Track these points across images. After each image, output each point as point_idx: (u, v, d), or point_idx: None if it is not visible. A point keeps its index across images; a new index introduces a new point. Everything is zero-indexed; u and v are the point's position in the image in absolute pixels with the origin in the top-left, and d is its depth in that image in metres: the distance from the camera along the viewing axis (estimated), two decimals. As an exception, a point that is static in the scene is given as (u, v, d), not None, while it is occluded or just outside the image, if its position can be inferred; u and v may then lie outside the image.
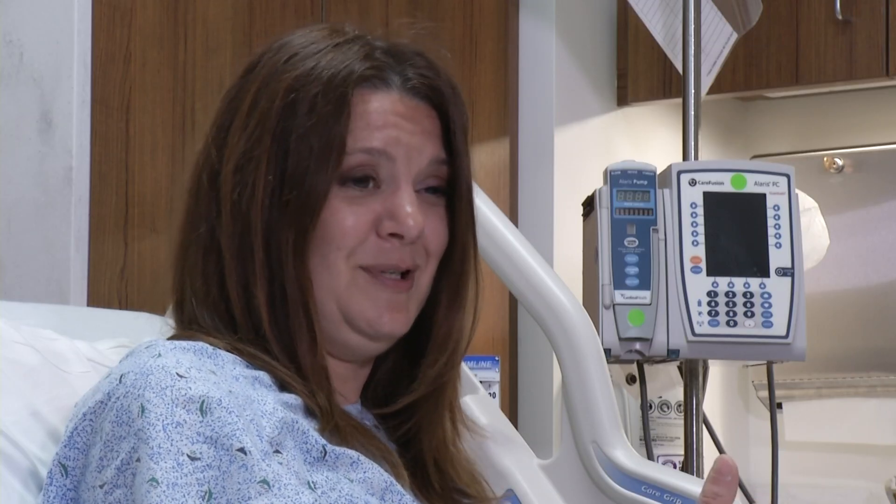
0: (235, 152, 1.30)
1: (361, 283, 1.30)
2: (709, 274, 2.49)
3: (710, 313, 2.47)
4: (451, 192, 1.35)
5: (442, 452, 1.37)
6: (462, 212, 1.35)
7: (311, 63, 1.31)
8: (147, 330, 1.41)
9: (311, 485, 1.21)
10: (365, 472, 1.25)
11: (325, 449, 1.24)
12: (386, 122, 1.31)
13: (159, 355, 1.21)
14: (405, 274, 1.32)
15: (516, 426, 2.18)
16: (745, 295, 2.48)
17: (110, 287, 2.26)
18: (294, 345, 1.28)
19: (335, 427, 1.27)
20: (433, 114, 1.34)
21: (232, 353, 1.27)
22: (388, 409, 1.37)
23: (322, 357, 1.30)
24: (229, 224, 1.30)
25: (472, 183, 1.36)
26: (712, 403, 3.27)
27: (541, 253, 1.78)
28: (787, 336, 2.48)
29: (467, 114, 1.36)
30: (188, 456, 1.16)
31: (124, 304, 2.27)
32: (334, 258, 1.29)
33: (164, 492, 1.14)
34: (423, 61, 1.34)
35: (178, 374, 1.19)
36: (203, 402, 1.18)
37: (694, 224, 2.50)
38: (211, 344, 1.26)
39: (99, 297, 2.24)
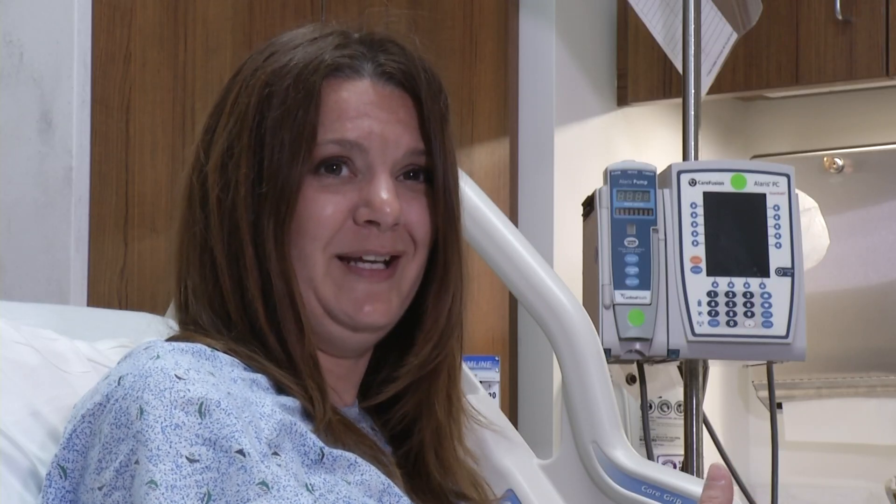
0: (218, 150, 1.31)
1: (336, 275, 1.30)
2: (709, 274, 2.49)
3: (710, 313, 2.47)
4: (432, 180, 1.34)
5: (441, 446, 1.36)
6: (440, 200, 1.34)
7: (287, 57, 1.31)
8: (147, 330, 1.41)
9: (309, 487, 1.21)
10: (363, 475, 1.25)
11: (322, 451, 1.24)
12: (358, 112, 1.30)
13: (158, 357, 1.21)
14: (388, 263, 1.32)
15: (516, 426, 2.18)
16: (745, 295, 2.48)
17: (110, 287, 2.26)
18: (284, 336, 1.28)
19: (328, 424, 1.27)
20: (409, 102, 1.33)
21: (229, 354, 1.27)
22: (375, 400, 1.36)
23: (311, 346, 1.30)
24: (217, 222, 1.31)
25: (456, 170, 1.35)
26: (712, 403, 3.27)
27: (541, 253, 1.78)
28: (787, 336, 2.48)
29: (447, 100, 1.34)
30: (187, 458, 1.16)
31: (124, 304, 2.27)
32: (311, 249, 1.29)
33: (162, 494, 1.14)
34: (395, 48, 1.34)
35: (176, 375, 1.19)
36: (202, 403, 1.17)
37: (694, 224, 2.50)
38: (209, 346, 1.26)
39: (99, 297, 2.24)
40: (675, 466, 2.87)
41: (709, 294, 2.48)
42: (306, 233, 1.29)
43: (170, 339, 1.30)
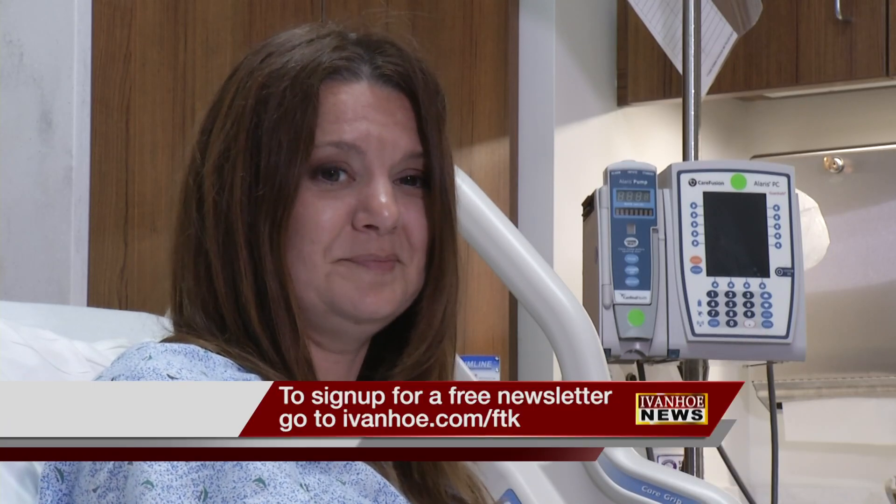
0: (214, 153, 1.31)
1: (343, 272, 1.30)
2: (709, 274, 2.49)
3: (710, 313, 2.47)
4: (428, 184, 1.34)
5: None
6: (437, 203, 1.33)
7: (284, 59, 1.31)
8: (141, 330, 1.41)
9: (304, 487, 1.21)
10: (358, 474, 1.25)
11: (316, 450, 1.24)
12: (356, 115, 1.30)
13: (150, 357, 1.21)
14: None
15: (516, 426, 2.17)
16: (745, 295, 2.48)
17: (110, 287, 2.26)
18: (278, 339, 1.28)
19: None
20: (407, 104, 1.33)
21: (223, 356, 1.27)
22: None
23: (305, 350, 1.29)
24: (212, 224, 1.30)
25: (452, 171, 1.35)
26: (712, 403, 3.26)
27: (541, 253, 1.78)
28: (787, 336, 2.48)
29: (444, 101, 1.34)
30: (181, 456, 1.16)
31: (124, 304, 2.27)
32: (310, 252, 1.29)
33: (159, 494, 1.14)
34: (393, 49, 1.33)
35: (168, 375, 1.19)
36: (194, 401, 1.18)
37: (694, 224, 2.50)
38: (202, 347, 1.26)
39: (99, 297, 2.24)
40: (675, 466, 2.87)
41: (709, 294, 2.48)
42: (304, 236, 1.29)
43: (163, 341, 1.30)
